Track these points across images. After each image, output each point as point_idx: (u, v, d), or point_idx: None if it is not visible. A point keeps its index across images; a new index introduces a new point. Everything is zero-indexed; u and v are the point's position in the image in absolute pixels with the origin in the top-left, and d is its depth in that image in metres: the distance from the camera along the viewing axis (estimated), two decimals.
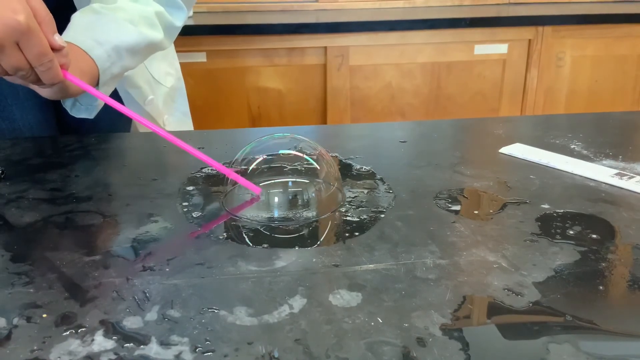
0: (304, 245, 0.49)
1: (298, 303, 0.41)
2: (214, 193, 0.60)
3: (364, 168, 0.66)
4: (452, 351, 0.35)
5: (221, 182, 0.61)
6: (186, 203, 0.57)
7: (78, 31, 0.70)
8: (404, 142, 0.76)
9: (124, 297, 0.41)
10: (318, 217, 0.54)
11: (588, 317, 0.39)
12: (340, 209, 0.56)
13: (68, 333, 0.38)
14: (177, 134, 0.65)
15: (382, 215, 0.54)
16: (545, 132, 0.78)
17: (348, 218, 0.54)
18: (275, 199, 0.58)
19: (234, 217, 0.55)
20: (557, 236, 0.50)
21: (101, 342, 0.37)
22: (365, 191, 0.60)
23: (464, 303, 0.40)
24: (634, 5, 2.14)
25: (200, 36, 1.79)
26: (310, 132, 0.87)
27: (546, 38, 1.92)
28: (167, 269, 0.45)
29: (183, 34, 0.91)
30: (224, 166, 0.58)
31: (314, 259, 0.46)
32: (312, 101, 1.92)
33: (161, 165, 0.70)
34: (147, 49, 0.78)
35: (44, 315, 0.39)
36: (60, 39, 0.59)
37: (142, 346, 0.36)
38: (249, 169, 0.58)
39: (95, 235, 0.52)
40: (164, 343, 0.37)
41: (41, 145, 0.76)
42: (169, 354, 0.36)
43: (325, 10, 2.10)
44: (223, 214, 0.55)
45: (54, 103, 0.85)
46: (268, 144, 0.60)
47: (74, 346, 0.36)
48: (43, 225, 0.53)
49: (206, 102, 1.85)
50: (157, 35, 0.79)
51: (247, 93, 1.88)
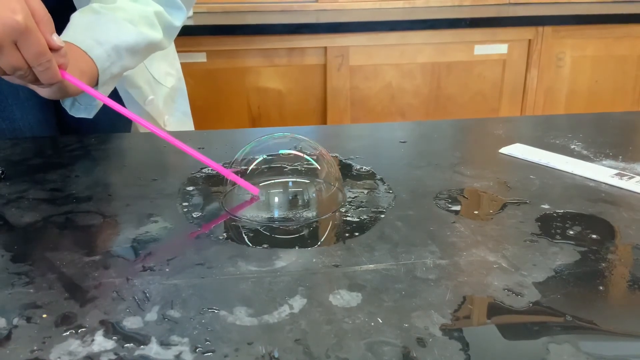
0: (304, 245, 0.49)
1: (298, 303, 0.41)
2: (214, 193, 0.60)
3: (364, 168, 0.66)
4: (452, 351, 0.35)
5: (221, 183, 0.61)
6: (186, 203, 0.57)
7: (77, 31, 0.70)
8: (404, 143, 0.76)
9: (124, 297, 0.41)
10: (318, 218, 0.54)
11: (588, 317, 0.39)
12: (340, 209, 0.56)
13: (68, 333, 0.38)
14: (177, 134, 0.65)
15: (382, 215, 0.54)
16: (545, 133, 0.78)
17: (348, 218, 0.54)
18: (275, 199, 0.58)
19: (234, 218, 0.55)
20: (557, 236, 0.50)
21: (101, 343, 0.37)
22: (365, 191, 0.60)
23: (464, 303, 0.40)
24: (634, 5, 2.14)
25: (200, 36, 1.79)
26: (310, 132, 0.87)
27: (546, 38, 1.92)
28: (167, 269, 0.45)
29: (183, 34, 0.91)
30: (223, 167, 0.58)
31: (314, 259, 0.46)
32: (312, 101, 1.92)
33: (161, 165, 0.70)
34: (147, 49, 0.78)
35: (44, 315, 0.39)
36: (58, 39, 0.59)
37: (142, 346, 0.36)
38: (249, 169, 0.58)
39: (95, 235, 0.52)
40: (164, 343, 0.37)
41: (41, 145, 0.76)
42: (169, 354, 0.36)
43: (325, 10, 2.10)
44: (223, 214, 0.55)
45: (54, 103, 0.85)
46: (268, 144, 0.60)
47: (74, 346, 0.36)
48: (43, 225, 0.53)
49: (206, 103, 1.85)
50: (157, 35, 0.79)
51: (247, 93, 1.88)
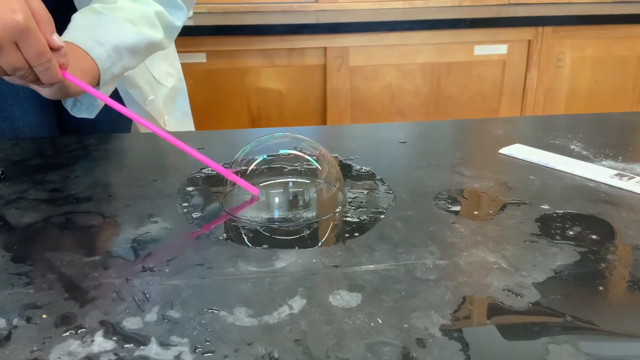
0: (304, 245, 0.49)
1: (298, 304, 0.41)
2: (214, 194, 0.60)
3: (364, 169, 0.66)
4: (452, 352, 0.35)
5: (221, 183, 0.61)
6: (186, 204, 0.57)
7: (78, 31, 0.70)
8: (404, 143, 0.76)
9: (124, 298, 0.41)
10: (318, 218, 0.54)
11: (588, 318, 0.39)
12: (340, 210, 0.56)
13: (68, 334, 0.38)
14: (177, 135, 0.65)
15: (382, 215, 0.54)
16: (545, 133, 0.78)
17: (348, 219, 0.54)
18: (275, 200, 0.58)
19: (234, 218, 0.55)
20: (557, 237, 0.50)
21: (101, 343, 0.37)
22: (365, 192, 0.60)
23: (464, 304, 0.40)
24: (634, 5, 2.14)
25: (200, 37, 1.79)
26: (310, 133, 0.87)
27: (546, 39, 1.92)
28: (167, 270, 0.45)
29: (183, 35, 0.91)
30: (223, 167, 0.58)
31: (314, 260, 0.46)
32: (312, 102, 1.92)
33: (161, 165, 0.70)
34: (148, 49, 0.78)
35: (44, 315, 0.39)
36: (58, 39, 0.59)
37: (142, 347, 0.36)
38: (249, 169, 0.58)
39: (95, 235, 0.52)
40: (164, 344, 0.37)
41: (41, 145, 0.76)
42: (169, 355, 0.36)
43: (325, 10, 2.10)
44: (223, 215, 0.55)
45: (54, 103, 0.85)
46: (268, 144, 0.60)
47: (74, 347, 0.36)
48: (43, 225, 0.53)
49: (206, 103, 1.84)
50: (157, 35, 0.79)
51: (247, 93, 1.88)
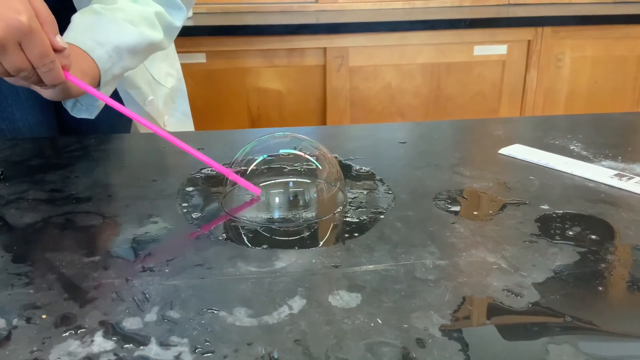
0: (304, 246, 0.49)
1: (298, 304, 0.41)
2: (214, 194, 0.60)
3: (364, 169, 0.66)
4: (452, 352, 0.35)
5: (221, 183, 0.61)
6: (186, 204, 0.57)
7: (78, 32, 0.70)
8: (404, 143, 0.76)
9: (124, 298, 0.41)
10: (318, 218, 0.54)
11: (587, 318, 0.39)
12: (340, 210, 0.56)
13: (68, 334, 0.38)
14: (177, 135, 0.65)
15: (382, 216, 0.54)
16: (544, 133, 0.78)
17: (348, 219, 0.54)
18: (275, 200, 0.58)
19: (234, 218, 0.55)
20: (557, 237, 0.50)
21: (101, 343, 0.37)
22: (364, 192, 0.60)
23: (464, 304, 0.40)
24: (634, 6, 2.15)
25: (199, 37, 1.79)
26: (309, 133, 0.87)
27: (546, 39, 1.92)
28: (167, 270, 0.45)
29: (182, 35, 0.91)
30: (224, 167, 0.58)
31: (314, 260, 0.46)
32: (312, 102, 1.92)
33: (161, 166, 0.70)
34: (148, 49, 0.78)
35: (44, 316, 0.39)
36: (61, 40, 0.59)
37: (142, 347, 0.36)
38: (249, 169, 0.58)
39: (94, 236, 0.52)
40: (164, 344, 0.37)
41: (41, 146, 0.76)
42: (169, 355, 0.36)
43: (325, 11, 2.10)
44: (223, 215, 0.55)
45: (54, 104, 0.85)
46: (268, 144, 0.60)
47: (74, 347, 0.36)
48: (43, 226, 0.53)
49: (206, 103, 1.85)
50: (157, 35, 0.79)
51: (247, 94, 1.88)
